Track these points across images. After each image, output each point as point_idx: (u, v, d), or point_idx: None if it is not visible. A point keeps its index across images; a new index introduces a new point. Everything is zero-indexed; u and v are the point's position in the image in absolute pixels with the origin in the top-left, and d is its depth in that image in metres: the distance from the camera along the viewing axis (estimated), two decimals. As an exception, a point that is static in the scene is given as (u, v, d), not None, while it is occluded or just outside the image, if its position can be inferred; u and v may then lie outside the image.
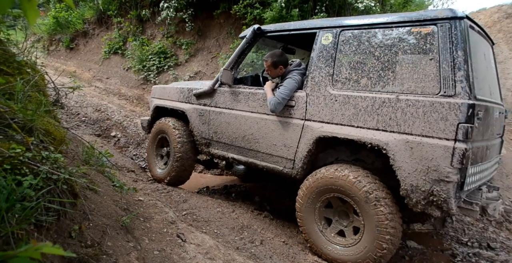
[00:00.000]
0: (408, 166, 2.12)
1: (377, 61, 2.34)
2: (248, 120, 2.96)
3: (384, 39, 2.32)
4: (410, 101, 2.14)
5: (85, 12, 9.40)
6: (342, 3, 5.95)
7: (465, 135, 1.95)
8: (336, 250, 2.49)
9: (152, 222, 2.35)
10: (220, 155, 3.29)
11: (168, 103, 3.67)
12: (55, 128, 1.41)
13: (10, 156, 1.08)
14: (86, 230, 1.59)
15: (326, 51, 2.58)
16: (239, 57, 3.11)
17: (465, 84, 1.99)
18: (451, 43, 2.05)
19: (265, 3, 5.92)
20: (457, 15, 2.08)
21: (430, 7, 7.80)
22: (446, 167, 1.99)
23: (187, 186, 4.00)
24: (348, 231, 2.51)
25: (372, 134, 2.27)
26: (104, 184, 2.23)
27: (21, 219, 1.05)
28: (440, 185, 2.02)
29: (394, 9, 6.32)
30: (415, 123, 2.11)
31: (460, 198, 2.09)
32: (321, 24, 2.69)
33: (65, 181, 1.24)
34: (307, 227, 2.63)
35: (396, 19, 2.28)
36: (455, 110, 1.98)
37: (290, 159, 2.74)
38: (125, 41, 8.31)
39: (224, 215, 3.04)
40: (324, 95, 2.53)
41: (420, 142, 2.08)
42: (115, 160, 3.64)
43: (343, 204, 2.51)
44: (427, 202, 2.10)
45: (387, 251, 2.22)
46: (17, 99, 1.31)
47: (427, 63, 2.13)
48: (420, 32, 2.17)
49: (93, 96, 6.84)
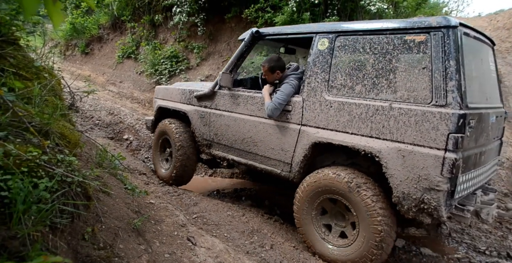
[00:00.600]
0: (400, 173, 2.15)
1: (371, 68, 2.33)
2: (247, 123, 3.00)
3: (379, 46, 2.31)
4: (403, 110, 2.15)
5: (100, 17, 9.64)
6: (354, 6, 5.92)
7: (455, 144, 1.96)
8: (334, 250, 2.52)
9: (163, 224, 2.36)
10: (221, 156, 3.34)
11: (170, 104, 3.72)
12: (70, 131, 1.44)
13: (27, 158, 1.11)
14: (99, 232, 1.62)
15: (322, 56, 2.58)
16: (238, 60, 3.14)
17: (456, 94, 1.99)
18: (444, 53, 2.04)
19: (276, 7, 5.95)
20: (450, 24, 2.05)
21: (444, 9, 7.68)
22: (436, 176, 2.01)
23: (197, 188, 4.02)
24: (347, 230, 2.53)
25: (366, 141, 2.29)
26: (116, 187, 2.27)
27: (37, 221, 1.07)
28: (431, 193, 2.04)
29: (407, 12, 6.25)
30: (407, 132, 2.12)
31: (451, 205, 2.12)
32: (318, 29, 2.69)
33: (79, 184, 1.26)
34: (305, 228, 2.67)
35: (391, 26, 2.27)
36: (446, 120, 1.99)
37: (288, 162, 2.77)
38: (138, 45, 8.47)
39: (234, 218, 3.04)
40: (320, 101, 2.55)
41: (412, 150, 2.09)
42: (127, 162, 3.69)
43: (334, 205, 2.56)
44: (418, 209, 2.12)
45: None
46: (35, 104, 1.35)
47: (420, 72, 2.12)
48: (414, 40, 2.16)
49: (106, 100, 6.98)
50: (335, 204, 2.56)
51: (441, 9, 7.53)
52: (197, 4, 6.84)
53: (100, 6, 9.60)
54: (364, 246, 2.31)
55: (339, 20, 5.71)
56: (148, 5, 8.17)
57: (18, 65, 1.51)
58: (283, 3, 5.81)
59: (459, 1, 14.96)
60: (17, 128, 1.21)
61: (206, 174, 4.91)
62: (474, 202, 2.35)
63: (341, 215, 2.56)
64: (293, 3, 5.48)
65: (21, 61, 1.55)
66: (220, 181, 4.77)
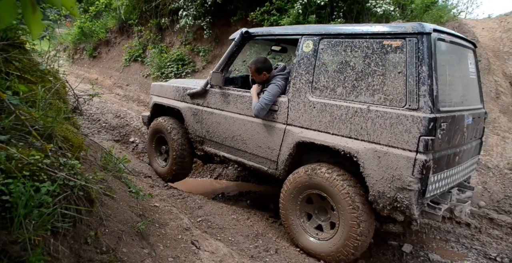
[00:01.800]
0: (376, 173, 2.25)
1: (352, 71, 2.41)
2: (236, 121, 3.08)
3: (359, 50, 2.38)
4: (379, 112, 2.23)
5: (108, 21, 9.75)
6: (360, 9, 5.88)
7: (426, 147, 2.05)
8: (316, 243, 2.63)
9: (167, 228, 2.35)
10: (212, 152, 3.44)
11: (165, 101, 3.81)
12: (73, 135, 1.44)
13: (29, 162, 1.10)
14: (102, 236, 1.61)
15: (307, 58, 2.64)
16: (229, 59, 3.21)
17: (427, 99, 2.07)
18: (417, 58, 2.11)
19: (282, 9, 5.94)
20: (424, 30, 2.12)
21: (453, 10, 7.58)
22: (408, 176, 2.11)
23: (202, 191, 4.01)
24: (329, 224, 2.64)
25: (345, 141, 2.38)
26: (120, 190, 2.26)
27: (38, 225, 1.06)
28: (403, 193, 2.15)
29: (414, 14, 6.18)
30: (383, 134, 2.21)
31: (423, 204, 2.21)
32: (303, 30, 2.75)
33: (82, 187, 1.25)
34: (289, 222, 2.78)
35: (370, 31, 2.33)
36: (418, 123, 2.07)
37: (274, 160, 2.87)
38: (144, 49, 8.54)
39: (239, 222, 3.01)
40: (304, 102, 2.62)
41: (387, 151, 2.19)
42: (133, 165, 3.70)
43: (317, 200, 2.67)
44: (392, 208, 2.24)
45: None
46: (38, 107, 1.35)
47: (396, 76, 2.20)
48: (391, 45, 2.23)
49: (113, 103, 7.04)
50: (318, 200, 2.67)
51: (449, 11, 7.43)
52: (203, 8, 6.88)
53: (108, 10, 9.71)
54: (344, 239, 2.42)
55: (345, 22, 5.67)
56: (155, 8, 8.24)
57: (23, 69, 1.52)
58: (289, 6, 5.80)
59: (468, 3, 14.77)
60: (20, 132, 1.21)
61: (212, 176, 4.89)
62: (449, 200, 2.48)
63: (324, 210, 2.67)
64: (299, 6, 5.46)
65: (27, 64, 1.56)
66: (225, 183, 4.75)
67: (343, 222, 2.42)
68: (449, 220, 3.67)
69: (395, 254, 3.08)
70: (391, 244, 3.22)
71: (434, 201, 2.41)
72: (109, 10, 9.63)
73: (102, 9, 9.78)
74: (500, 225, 3.56)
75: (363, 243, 2.42)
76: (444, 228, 3.56)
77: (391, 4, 5.49)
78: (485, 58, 6.03)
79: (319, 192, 2.56)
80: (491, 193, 4.09)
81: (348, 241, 2.40)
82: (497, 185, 4.20)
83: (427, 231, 3.53)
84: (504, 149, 4.65)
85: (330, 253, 2.52)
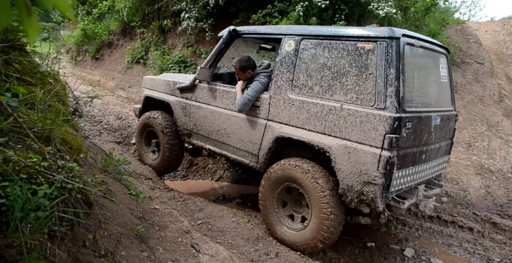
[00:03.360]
0: (346, 168, 2.40)
1: (328, 71, 2.54)
2: (221, 116, 3.21)
3: (336, 51, 2.52)
4: (351, 111, 2.38)
5: (111, 23, 9.79)
6: (362, 11, 5.88)
7: (390, 144, 2.21)
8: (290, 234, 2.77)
9: (167, 231, 2.34)
10: (199, 145, 3.57)
11: (156, 94, 3.91)
12: (72, 137, 1.43)
13: (27, 165, 1.09)
14: (101, 239, 1.59)
15: (288, 57, 2.76)
16: (217, 56, 3.32)
17: (393, 99, 2.21)
18: (386, 61, 2.25)
19: (284, 12, 5.94)
20: (393, 35, 2.26)
21: (456, 14, 7.56)
22: (373, 171, 2.27)
23: (202, 194, 3.99)
24: (303, 216, 2.78)
25: (320, 137, 2.53)
26: (120, 192, 2.25)
27: (34, 229, 1.05)
28: (369, 187, 2.30)
29: (416, 17, 6.17)
30: (353, 131, 2.36)
31: (387, 197, 2.36)
32: (286, 31, 2.87)
33: (80, 190, 1.24)
34: (267, 213, 2.93)
35: (346, 33, 2.47)
36: (383, 122, 2.22)
37: (255, 154, 3.01)
38: (147, 51, 8.56)
39: (239, 225, 3.00)
40: (284, 99, 2.75)
41: (356, 148, 2.34)
42: (134, 167, 3.69)
43: (292, 194, 2.82)
44: (359, 200, 2.39)
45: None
46: (38, 109, 1.35)
47: (367, 77, 2.34)
48: (364, 48, 2.38)
49: (115, 105, 7.05)
50: (292, 193, 2.82)
51: (452, 14, 7.40)
52: (205, 10, 6.90)
53: (111, 13, 9.75)
54: (315, 229, 2.57)
55: (347, 25, 5.67)
56: (157, 11, 8.27)
57: (23, 71, 1.51)
58: (291, 8, 5.81)
59: (471, 6, 14.63)
60: (19, 134, 1.20)
61: (213, 178, 4.88)
62: (416, 195, 2.64)
63: (299, 202, 2.81)
64: (300, 8, 5.47)
65: (27, 66, 1.56)
66: (226, 186, 4.73)
67: (315, 214, 2.57)
68: (452, 224, 3.64)
69: (396, 258, 3.05)
70: (393, 248, 3.20)
71: (401, 195, 2.58)
72: (112, 12, 9.68)
73: (105, 12, 9.83)
74: (504, 230, 3.52)
75: (333, 234, 2.56)
76: (447, 232, 3.53)
77: (392, 7, 5.48)
78: (488, 61, 6.00)
79: (294, 185, 2.69)
80: (494, 197, 4.05)
81: (318, 232, 2.55)
82: (500, 189, 4.16)
83: (429, 235, 3.50)
84: (507, 152, 4.61)
85: (302, 242, 2.67)
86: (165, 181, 4.33)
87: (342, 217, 2.58)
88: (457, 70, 5.88)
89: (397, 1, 5.97)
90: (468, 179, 4.22)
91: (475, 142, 4.76)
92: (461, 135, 4.86)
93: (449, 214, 3.79)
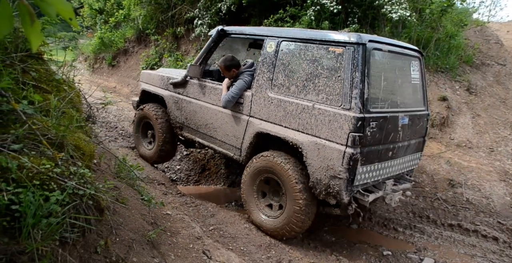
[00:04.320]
0: (315, 163, 2.59)
1: (303, 72, 2.72)
2: (209, 111, 3.41)
3: (310, 53, 2.68)
4: (321, 110, 2.56)
5: (127, 31, 10.04)
6: (376, 14, 5.80)
7: (353, 142, 2.39)
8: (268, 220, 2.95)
9: (179, 237, 2.33)
10: (190, 138, 3.76)
11: (152, 88, 4.12)
12: (85, 143, 1.45)
13: (39, 171, 1.11)
14: (112, 245, 1.60)
15: (269, 58, 2.94)
16: (207, 54, 3.52)
17: (358, 101, 2.39)
18: (352, 65, 2.42)
19: (296, 16, 5.94)
20: (360, 41, 2.43)
21: (474, 15, 7.35)
22: (339, 166, 2.46)
23: (214, 199, 3.98)
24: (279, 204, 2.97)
25: (294, 134, 2.72)
26: (133, 198, 2.26)
27: (46, 235, 1.06)
28: (335, 180, 2.50)
29: (431, 19, 6.04)
30: (323, 129, 2.55)
31: (352, 190, 2.54)
32: (267, 32, 3.05)
33: (91, 196, 1.25)
34: (247, 201, 3.13)
35: (320, 37, 2.63)
36: (348, 121, 2.41)
37: (238, 147, 3.20)
38: (161, 57, 8.71)
39: (252, 231, 2.96)
40: (264, 97, 2.94)
41: (325, 144, 2.54)
42: (147, 172, 3.73)
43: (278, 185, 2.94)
44: (326, 193, 2.58)
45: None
46: (52, 116, 1.37)
47: (336, 79, 2.52)
48: (334, 52, 2.55)
49: (130, 110, 7.17)
50: (270, 183, 3.01)
51: (470, 14, 7.19)
52: (217, 16, 6.97)
53: (127, 21, 10.01)
54: (289, 217, 2.77)
55: (359, 28, 5.60)
56: (171, 18, 8.43)
57: (40, 79, 1.55)
58: (303, 13, 5.79)
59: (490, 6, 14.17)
60: (33, 141, 1.22)
61: (225, 184, 4.87)
62: (384, 189, 2.81)
63: (277, 192, 3.00)
64: (312, 12, 5.45)
65: (43, 74, 1.60)
66: (238, 191, 4.71)
67: (289, 203, 2.77)
68: (474, 233, 3.49)
69: (415, 268, 2.94)
70: (410, 257, 3.09)
71: (368, 189, 2.77)
72: (128, 20, 9.93)
73: (121, 20, 10.09)
74: (531, 240, 3.35)
75: (305, 222, 2.77)
76: (469, 241, 3.38)
77: (407, 9, 5.38)
78: (510, 62, 5.80)
79: (272, 176, 2.89)
80: (519, 205, 3.87)
81: (291, 219, 2.75)
82: (525, 196, 3.97)
83: (450, 244, 3.36)
84: (532, 157, 4.40)
85: (276, 228, 2.87)
86: (178, 186, 4.35)
87: (313, 207, 2.78)
88: (476, 72, 5.71)
89: (411, 3, 5.86)
90: (491, 186, 4.05)
91: (498, 146, 4.57)
92: (482, 140, 4.69)
93: (471, 222, 3.64)
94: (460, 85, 5.45)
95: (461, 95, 5.31)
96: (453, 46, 5.72)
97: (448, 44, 5.73)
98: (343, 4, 5.56)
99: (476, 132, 4.81)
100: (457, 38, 5.83)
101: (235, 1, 6.55)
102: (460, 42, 5.82)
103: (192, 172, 4.84)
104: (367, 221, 3.77)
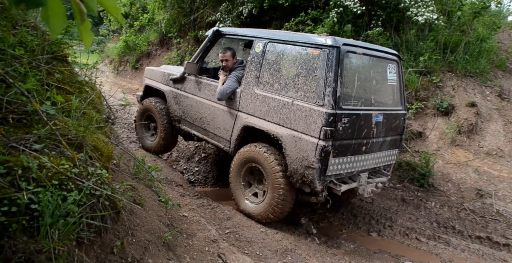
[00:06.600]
0: (293, 154, 2.83)
1: (285, 71, 2.98)
2: (204, 105, 3.68)
3: (292, 54, 2.95)
4: (299, 106, 2.81)
5: (150, 35, 10.31)
6: (401, 17, 5.64)
7: (325, 135, 2.64)
8: (251, 206, 3.21)
9: (195, 239, 2.33)
10: (186, 131, 4.02)
11: (154, 83, 4.40)
12: (103, 144, 1.47)
13: (58, 171, 1.13)
14: (128, 246, 1.61)
15: (257, 57, 3.20)
16: (203, 53, 3.79)
17: (331, 98, 2.64)
18: (327, 65, 2.67)
19: (317, 19, 5.87)
20: (335, 44, 2.68)
21: (509, 17, 6.98)
22: (312, 157, 2.70)
23: (231, 202, 3.96)
24: (261, 191, 3.23)
25: (275, 127, 2.97)
26: (150, 199, 2.28)
27: (63, 235, 1.07)
28: (309, 170, 2.74)
29: (462, 21, 5.79)
30: (300, 123, 2.79)
31: (325, 180, 2.79)
32: (256, 34, 3.32)
33: (108, 197, 1.26)
34: (234, 188, 3.37)
35: (302, 40, 2.89)
36: (321, 117, 2.66)
37: (228, 140, 3.46)
38: (182, 60, 8.86)
39: (268, 236, 2.92)
40: (251, 93, 3.19)
41: (301, 137, 2.78)
42: (165, 174, 3.77)
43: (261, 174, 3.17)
44: (301, 182, 2.82)
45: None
46: (73, 117, 1.40)
47: (313, 78, 2.77)
48: (312, 53, 2.80)
49: (151, 112, 7.32)
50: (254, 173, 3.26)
51: (504, 17, 6.82)
52: (239, 19, 7.02)
53: (151, 25, 10.28)
54: (270, 203, 3.02)
55: (383, 31, 5.46)
56: (193, 22, 8.57)
57: (63, 80, 1.60)
58: (325, 16, 5.72)
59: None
60: (54, 141, 1.25)
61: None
62: (358, 181, 3.07)
63: (261, 180, 3.24)
64: (334, 14, 5.36)
65: (66, 76, 1.64)
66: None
67: (270, 190, 3.02)
68: (506, 246, 3.28)
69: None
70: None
71: (341, 180, 3.00)
72: (152, 24, 10.19)
73: (146, 24, 10.38)
74: None
75: (284, 208, 3.01)
76: (500, 256, 3.18)
77: (434, 12, 5.18)
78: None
79: (256, 165, 3.13)
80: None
81: (271, 205, 3.00)
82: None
83: (478, 257, 3.17)
84: None
85: (260, 213, 3.11)
86: (196, 188, 4.37)
87: (292, 193, 3.01)
88: (509, 77, 5.41)
89: (440, 5, 5.65)
90: (524, 197, 3.80)
91: (532, 155, 4.30)
92: (514, 147, 4.42)
93: (502, 235, 3.42)
94: (491, 91, 5.18)
95: (492, 101, 5.05)
96: (484, 50, 5.45)
97: (478, 48, 5.47)
98: (366, 6, 5.44)
99: (508, 139, 4.55)
100: (489, 41, 5.56)
101: (256, 5, 6.57)
102: (492, 46, 5.54)
103: (210, 174, 4.86)
104: (388, 229, 3.63)
